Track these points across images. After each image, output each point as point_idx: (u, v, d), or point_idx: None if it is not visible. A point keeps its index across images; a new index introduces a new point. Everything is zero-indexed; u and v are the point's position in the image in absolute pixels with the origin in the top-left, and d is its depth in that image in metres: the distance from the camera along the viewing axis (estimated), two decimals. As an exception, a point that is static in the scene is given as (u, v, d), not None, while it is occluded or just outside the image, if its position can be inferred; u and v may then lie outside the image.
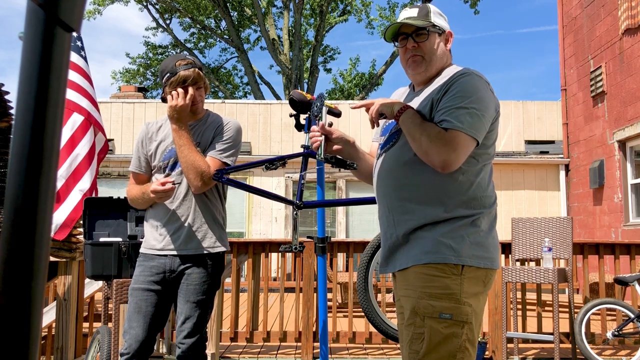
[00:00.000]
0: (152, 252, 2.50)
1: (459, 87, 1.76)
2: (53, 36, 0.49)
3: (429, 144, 1.70)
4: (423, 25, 1.86)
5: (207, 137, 2.55)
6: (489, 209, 1.82)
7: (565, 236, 4.59)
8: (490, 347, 4.70)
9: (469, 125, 1.71)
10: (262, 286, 5.04)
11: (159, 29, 22.02)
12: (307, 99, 2.61)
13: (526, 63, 59.11)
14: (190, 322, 2.42)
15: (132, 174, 2.62)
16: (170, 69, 2.45)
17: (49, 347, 4.29)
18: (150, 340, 2.44)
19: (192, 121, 2.56)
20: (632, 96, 8.34)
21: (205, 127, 2.58)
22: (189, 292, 2.44)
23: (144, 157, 2.59)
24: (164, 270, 2.47)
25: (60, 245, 4.02)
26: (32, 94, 0.48)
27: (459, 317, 1.71)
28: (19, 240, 0.48)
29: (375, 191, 1.98)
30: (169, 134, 2.54)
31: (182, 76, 2.42)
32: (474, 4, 18.76)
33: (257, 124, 11.15)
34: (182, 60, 2.47)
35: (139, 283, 2.46)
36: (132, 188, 2.59)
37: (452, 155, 1.69)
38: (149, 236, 2.53)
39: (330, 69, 27.44)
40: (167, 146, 2.54)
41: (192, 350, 2.42)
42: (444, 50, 1.91)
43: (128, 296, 2.50)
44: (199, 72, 2.47)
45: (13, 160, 0.48)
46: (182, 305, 2.45)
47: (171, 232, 2.48)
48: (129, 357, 2.39)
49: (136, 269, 2.52)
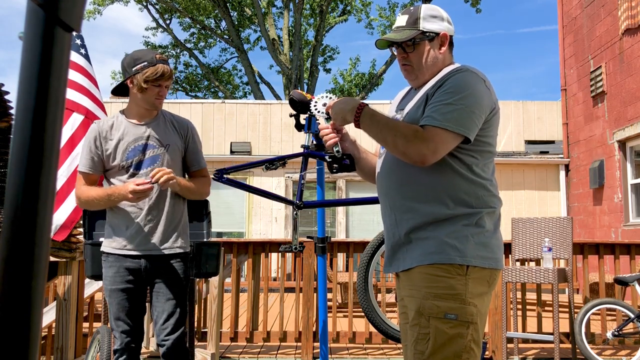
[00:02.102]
0: (123, 252, 2.50)
1: (450, 83, 1.76)
2: (53, 36, 0.49)
3: (407, 144, 1.70)
4: (407, 38, 1.84)
5: (172, 137, 2.57)
6: (492, 208, 1.81)
7: (565, 236, 4.59)
8: (490, 347, 4.70)
9: (452, 120, 1.69)
10: (262, 286, 5.04)
11: (159, 29, 22.03)
12: (307, 99, 2.62)
13: (526, 63, 59.14)
14: (172, 318, 2.48)
15: (82, 174, 2.53)
16: (149, 59, 2.45)
17: (49, 347, 4.29)
18: (140, 331, 2.55)
19: (148, 119, 2.56)
20: (632, 96, 8.34)
21: (164, 125, 2.59)
22: (167, 291, 2.49)
23: (98, 157, 2.52)
24: (139, 270, 2.50)
25: (60, 245, 4.02)
26: (32, 94, 0.48)
27: (464, 317, 1.71)
28: (19, 240, 0.48)
29: (378, 190, 1.99)
30: (126, 133, 2.52)
31: (161, 70, 2.44)
32: (475, 3, 18.77)
33: (257, 124, 11.15)
34: (160, 55, 2.50)
35: (117, 284, 2.49)
36: (87, 189, 2.50)
37: (430, 149, 1.68)
38: (117, 236, 2.51)
39: (330, 69, 27.45)
40: (128, 145, 2.51)
41: (176, 345, 2.48)
42: (435, 56, 1.88)
43: (107, 296, 2.54)
44: (172, 71, 2.52)
45: (13, 160, 0.48)
46: (162, 304, 2.49)
47: (144, 232, 2.48)
48: (124, 350, 2.48)
49: (108, 270, 2.52)
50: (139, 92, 2.48)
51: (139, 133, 2.52)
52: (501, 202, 1.88)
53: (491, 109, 1.80)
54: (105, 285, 2.54)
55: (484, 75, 1.83)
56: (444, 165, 1.77)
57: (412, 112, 1.86)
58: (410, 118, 1.84)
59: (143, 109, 2.54)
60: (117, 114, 2.60)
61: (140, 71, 2.43)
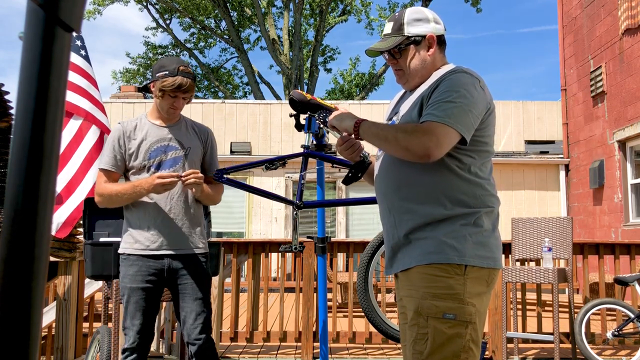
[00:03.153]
0: (146, 252, 2.52)
1: (446, 83, 1.77)
2: (53, 36, 0.49)
3: (408, 137, 1.70)
4: (393, 46, 1.87)
5: (193, 141, 2.65)
6: (491, 208, 1.81)
7: (565, 236, 4.59)
8: (490, 347, 4.70)
9: (452, 117, 1.70)
10: (262, 286, 5.04)
11: (159, 29, 22.03)
12: (307, 99, 2.62)
13: (526, 63, 59.13)
14: (202, 317, 2.52)
15: (103, 172, 2.58)
16: (172, 69, 2.51)
17: (49, 347, 4.29)
18: (151, 333, 2.55)
19: (170, 122, 2.64)
20: (632, 96, 8.33)
21: (185, 130, 2.67)
22: (195, 290, 2.52)
23: (120, 156, 2.58)
24: (162, 269, 2.52)
25: (60, 245, 4.02)
26: (32, 94, 0.48)
27: (463, 317, 1.71)
28: (19, 240, 0.48)
29: (376, 192, 1.99)
30: (149, 134, 2.59)
31: (179, 82, 2.49)
32: (475, 3, 18.77)
33: (257, 124, 11.15)
34: (185, 67, 2.55)
35: (137, 283, 2.51)
36: (110, 185, 2.55)
37: (433, 141, 1.67)
38: (139, 236, 2.54)
39: (330, 69, 27.43)
40: (151, 145, 2.57)
41: (208, 345, 2.52)
42: (424, 59, 1.89)
43: (124, 293, 2.54)
44: (192, 84, 2.56)
45: (13, 160, 0.48)
46: (190, 303, 2.52)
47: (167, 231, 2.52)
48: (134, 349, 2.48)
49: (129, 268, 2.54)
50: (157, 98, 2.57)
51: (161, 134, 2.60)
52: (499, 201, 1.88)
53: (487, 109, 1.81)
54: (123, 283, 2.56)
55: (478, 75, 1.84)
56: (442, 166, 1.77)
57: (407, 113, 1.86)
58: (405, 119, 1.85)
59: (163, 114, 2.63)
60: (140, 115, 2.69)
61: (160, 79, 2.51)
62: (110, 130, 4.53)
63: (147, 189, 2.45)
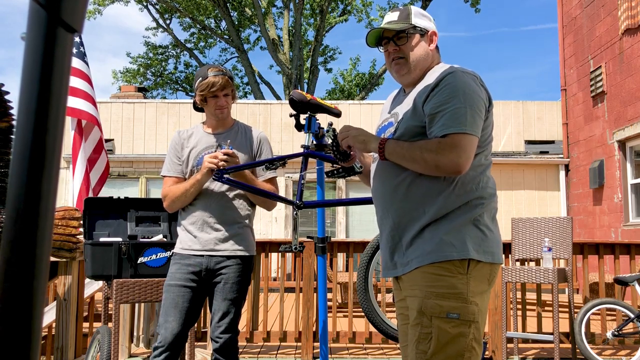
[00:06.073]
0: (188, 252, 2.61)
1: (448, 87, 1.76)
2: (55, 37, 0.49)
3: (436, 156, 1.70)
4: (402, 28, 1.88)
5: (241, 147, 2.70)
6: (489, 204, 1.82)
7: (565, 236, 4.59)
8: (490, 347, 4.70)
9: (467, 124, 1.71)
10: (262, 286, 5.05)
11: (159, 29, 22.02)
12: (307, 99, 2.62)
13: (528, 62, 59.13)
14: (227, 318, 2.56)
15: (169, 179, 2.69)
16: (203, 74, 2.62)
17: (49, 347, 4.29)
18: (185, 334, 2.56)
19: (222, 129, 2.73)
20: (632, 96, 8.34)
21: (235, 134, 2.74)
22: (226, 291, 2.57)
23: (178, 161, 2.72)
24: (201, 269, 2.58)
25: (61, 245, 4.02)
26: (34, 95, 0.48)
27: (466, 316, 1.71)
28: (20, 240, 0.49)
29: (373, 194, 1.99)
30: (200, 141, 2.71)
31: (212, 81, 2.58)
32: (475, 3, 18.76)
33: (257, 124, 11.15)
34: (214, 68, 2.65)
35: (176, 280, 2.57)
36: (176, 186, 2.65)
37: (462, 157, 1.69)
38: (185, 237, 2.64)
39: (330, 68, 27.44)
40: (200, 152, 2.68)
41: (228, 344, 2.55)
42: (426, 51, 1.91)
43: (163, 292, 2.60)
44: (227, 79, 2.64)
45: (15, 160, 0.49)
46: (219, 302, 2.57)
47: (208, 234, 2.60)
48: (164, 349, 2.48)
49: (172, 267, 2.63)
50: (203, 106, 2.68)
51: (210, 142, 2.70)
52: (496, 196, 1.89)
53: (487, 105, 1.83)
54: (165, 282, 2.62)
55: (475, 73, 1.85)
56: None
57: (406, 117, 1.85)
58: (405, 123, 1.84)
59: (214, 120, 2.71)
60: (198, 124, 2.81)
61: (198, 87, 2.62)
62: (100, 123, 4.68)
63: (201, 176, 2.54)
